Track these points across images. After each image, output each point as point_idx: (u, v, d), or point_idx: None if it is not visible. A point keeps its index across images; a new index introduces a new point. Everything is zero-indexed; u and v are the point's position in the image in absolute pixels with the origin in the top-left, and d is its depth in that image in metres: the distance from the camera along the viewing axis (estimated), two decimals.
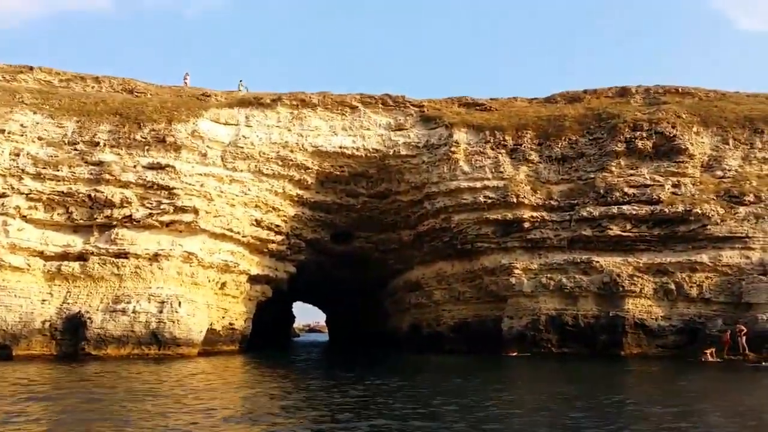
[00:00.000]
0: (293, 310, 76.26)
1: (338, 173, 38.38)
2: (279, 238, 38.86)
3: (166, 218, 33.47)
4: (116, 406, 14.20)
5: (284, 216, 38.40)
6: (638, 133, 34.61)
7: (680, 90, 38.67)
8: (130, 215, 33.11)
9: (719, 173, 34.26)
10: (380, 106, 38.27)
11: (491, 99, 40.26)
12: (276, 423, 12.09)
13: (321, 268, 46.48)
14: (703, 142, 35.00)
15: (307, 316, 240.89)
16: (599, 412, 13.82)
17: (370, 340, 54.10)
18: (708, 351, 29.41)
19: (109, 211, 33.02)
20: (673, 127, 34.55)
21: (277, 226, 38.24)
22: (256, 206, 36.86)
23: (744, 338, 29.81)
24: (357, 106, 38.08)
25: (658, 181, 33.75)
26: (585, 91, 39.85)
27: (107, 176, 33.01)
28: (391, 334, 48.30)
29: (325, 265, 45.93)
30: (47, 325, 31.22)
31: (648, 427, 12.12)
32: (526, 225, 34.81)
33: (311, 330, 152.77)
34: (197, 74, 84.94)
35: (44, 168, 32.60)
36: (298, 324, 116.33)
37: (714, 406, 14.95)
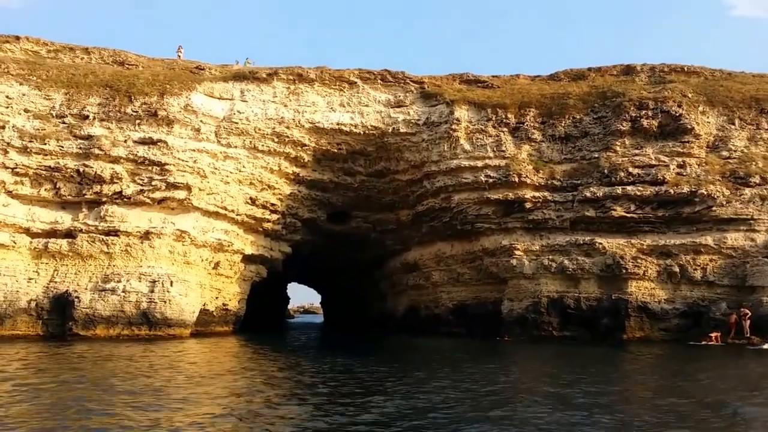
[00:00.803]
0: (287, 291, 75.56)
1: (335, 151, 37.39)
2: (274, 217, 37.92)
3: (157, 195, 32.49)
4: (91, 389, 13.30)
5: (280, 194, 37.44)
6: (644, 111, 33.68)
7: (686, 69, 37.69)
8: (121, 191, 32.12)
9: (725, 154, 33.39)
10: (379, 82, 37.21)
11: (493, 76, 39.21)
12: (258, 415, 11.18)
13: (317, 249, 45.60)
14: (709, 122, 34.11)
15: (301, 297, 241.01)
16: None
17: (366, 322, 53.41)
18: (714, 334, 28.78)
19: (99, 187, 32.01)
20: (679, 106, 33.64)
21: (273, 204, 37.29)
22: (251, 184, 35.88)
23: (748, 321, 29.24)
24: (355, 82, 37.01)
25: (663, 162, 32.89)
26: (589, 69, 38.83)
27: (97, 151, 31.93)
28: (387, 315, 47.61)
29: (321, 245, 45.04)
30: (33, 304, 30.34)
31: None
32: (528, 205, 33.95)
33: (306, 311, 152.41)
34: (191, 49, 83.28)
35: (31, 141, 31.52)
36: (292, 305, 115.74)
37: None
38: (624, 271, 31.57)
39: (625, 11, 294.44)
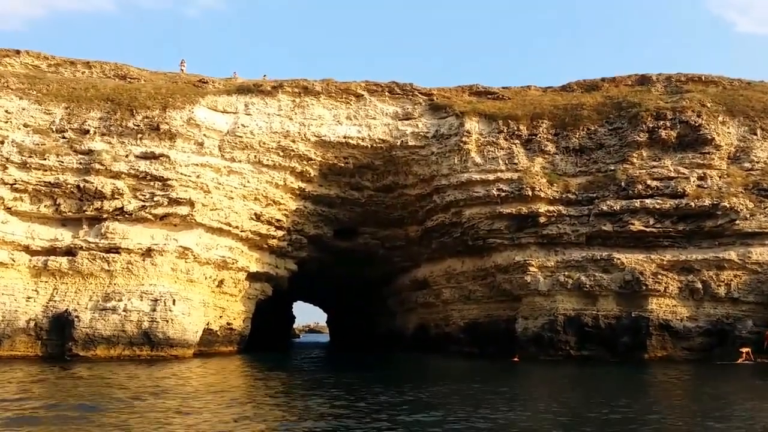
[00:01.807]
0: (293, 310, 74.26)
1: (342, 165, 36.37)
2: (280, 233, 36.87)
3: (160, 211, 31.49)
4: (87, 414, 12.19)
5: (285, 210, 36.41)
6: (661, 122, 32.57)
7: (703, 78, 36.64)
8: (122, 207, 31.18)
9: (747, 165, 32.23)
10: (387, 94, 36.26)
11: (503, 88, 38.25)
12: None
13: (323, 266, 44.48)
14: (730, 133, 32.98)
15: (306, 316, 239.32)
16: None
17: (373, 341, 52.10)
18: (745, 350, 27.52)
19: (100, 203, 31.08)
20: (699, 116, 32.54)
21: (278, 220, 36.24)
22: (256, 199, 34.86)
23: None
24: (362, 94, 36.07)
25: (683, 174, 31.74)
26: (603, 79, 37.80)
27: (97, 166, 31.01)
28: (396, 334, 46.34)
29: (327, 262, 43.93)
30: (32, 324, 29.36)
31: None
32: (542, 220, 32.78)
33: (311, 331, 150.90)
34: (194, 65, 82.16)
35: (30, 157, 30.64)
36: (297, 324, 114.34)
37: None
38: (644, 287, 30.33)
39: (623, 30, 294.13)
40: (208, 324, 33.33)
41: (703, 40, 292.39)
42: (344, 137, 35.45)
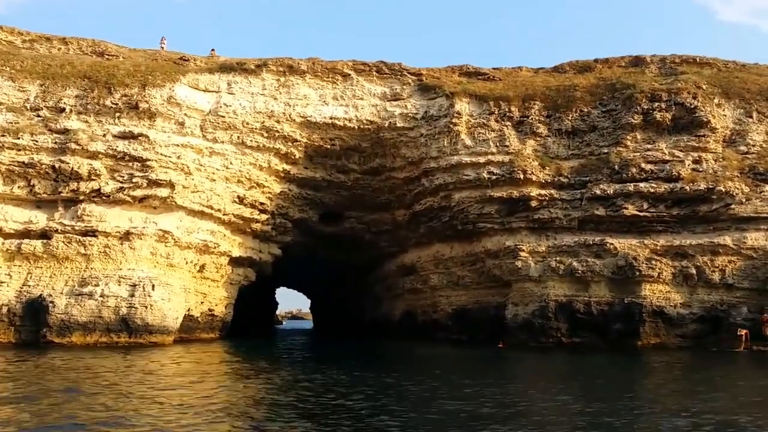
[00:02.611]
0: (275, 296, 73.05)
1: (328, 147, 35.29)
2: (263, 217, 35.78)
3: (138, 193, 30.30)
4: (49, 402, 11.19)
5: (269, 193, 35.30)
6: (656, 104, 31.75)
7: (698, 60, 35.85)
8: (99, 189, 29.92)
9: (743, 148, 31.53)
10: (375, 74, 35.14)
11: (494, 68, 37.24)
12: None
13: (308, 251, 43.46)
14: (725, 115, 32.24)
15: (289, 302, 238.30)
16: None
17: (358, 328, 51.19)
18: (743, 332, 26.99)
19: (76, 184, 29.81)
20: (694, 98, 31.75)
21: (262, 203, 35.15)
22: (239, 181, 33.73)
23: None
24: (349, 74, 34.93)
25: (678, 157, 30.97)
26: (596, 60, 36.88)
27: (73, 146, 29.69)
28: (382, 321, 45.42)
29: (312, 247, 42.92)
30: (5, 309, 28.15)
31: None
32: (534, 204, 31.94)
33: (293, 317, 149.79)
34: (175, 43, 79.69)
35: (3, 136, 29.29)
36: (280, 311, 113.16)
37: None
38: (637, 273, 29.58)
39: (607, 18, 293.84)
40: (189, 310, 32.27)
41: (686, 28, 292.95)
42: (330, 118, 34.34)
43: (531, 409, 12.43)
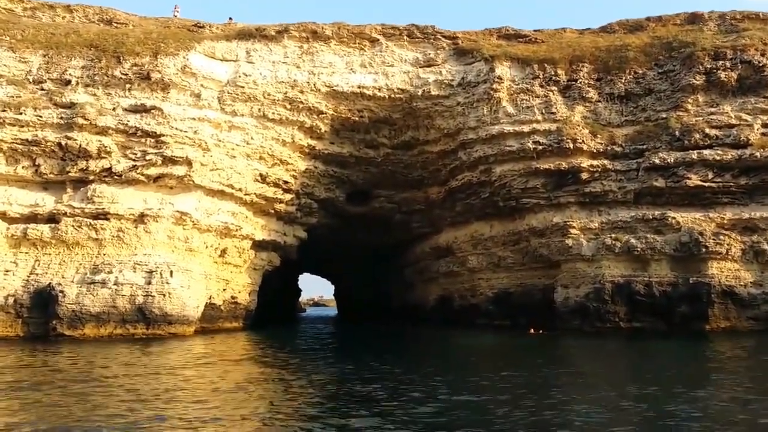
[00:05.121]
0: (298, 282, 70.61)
1: (356, 119, 32.58)
2: (287, 197, 33.22)
3: (153, 171, 27.85)
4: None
5: (293, 171, 32.71)
6: (720, 63, 28.71)
7: (761, 15, 32.61)
8: (110, 168, 27.51)
9: None
10: (405, 38, 32.35)
11: (536, 30, 34.32)
12: None
13: (333, 234, 40.84)
14: None
15: (310, 289, 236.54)
16: None
17: (387, 314, 48.66)
18: None
19: (85, 163, 27.39)
20: (762, 56, 28.71)
21: (286, 182, 32.57)
22: (261, 158, 31.14)
23: None
24: (378, 39, 32.16)
25: (746, 121, 28.01)
26: (648, 19, 33.71)
27: (81, 121, 27.23)
28: (414, 306, 42.87)
29: (337, 229, 40.25)
30: (11, 300, 25.79)
31: None
32: (584, 176, 29.12)
33: (316, 304, 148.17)
34: (189, 11, 75.35)
35: (4, 111, 26.92)
36: (302, 298, 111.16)
37: None
38: (704, 250, 26.76)
39: None
40: (210, 298, 29.80)
41: None
42: (358, 87, 31.61)
43: None
